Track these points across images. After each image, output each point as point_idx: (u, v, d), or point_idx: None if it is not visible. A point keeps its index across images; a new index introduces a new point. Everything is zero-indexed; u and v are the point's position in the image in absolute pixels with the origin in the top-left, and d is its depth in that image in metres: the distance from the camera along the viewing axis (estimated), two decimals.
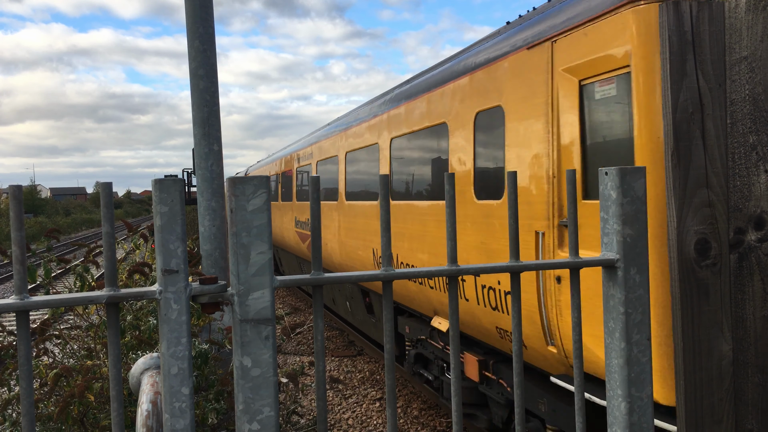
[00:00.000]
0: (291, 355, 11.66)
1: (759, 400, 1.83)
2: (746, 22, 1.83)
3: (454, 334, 1.55)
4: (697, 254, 1.82)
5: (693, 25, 1.85)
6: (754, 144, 1.81)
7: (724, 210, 1.84)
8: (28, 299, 1.24)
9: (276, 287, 1.36)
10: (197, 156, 3.43)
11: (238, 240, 1.31)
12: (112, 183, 1.32)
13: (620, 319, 1.52)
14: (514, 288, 1.59)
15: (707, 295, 1.83)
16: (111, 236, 1.29)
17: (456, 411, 1.54)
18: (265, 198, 1.33)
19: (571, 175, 1.60)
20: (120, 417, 1.31)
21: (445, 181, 1.51)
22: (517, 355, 1.57)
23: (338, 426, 8.33)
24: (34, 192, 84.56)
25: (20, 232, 1.24)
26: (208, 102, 2.99)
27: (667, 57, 1.85)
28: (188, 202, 25.57)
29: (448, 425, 8.08)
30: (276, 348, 1.35)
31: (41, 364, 3.54)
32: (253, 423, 1.32)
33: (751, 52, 1.81)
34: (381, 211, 1.49)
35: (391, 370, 1.49)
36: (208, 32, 2.88)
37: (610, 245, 1.55)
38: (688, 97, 1.84)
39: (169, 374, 1.28)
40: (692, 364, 1.81)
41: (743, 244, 1.84)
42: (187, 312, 1.30)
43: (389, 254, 1.50)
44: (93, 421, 3.23)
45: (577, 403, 1.61)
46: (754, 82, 1.81)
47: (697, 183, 1.83)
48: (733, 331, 1.83)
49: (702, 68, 1.85)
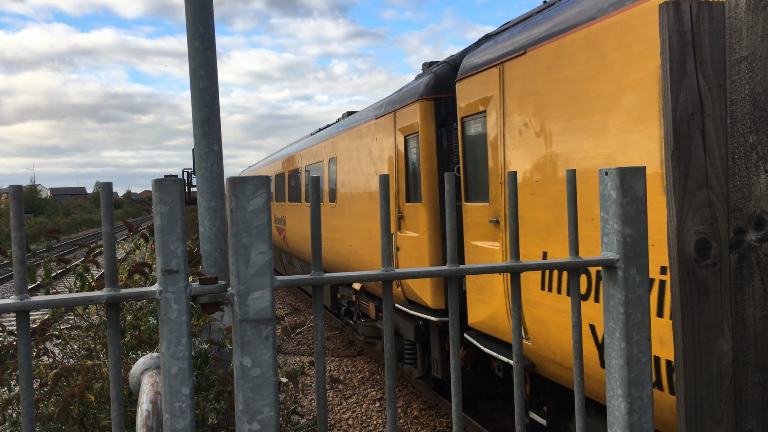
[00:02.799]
0: (291, 355, 11.66)
1: (759, 400, 1.83)
2: (746, 22, 1.83)
3: (454, 334, 1.55)
4: (697, 254, 1.82)
5: (693, 25, 1.85)
6: (754, 144, 1.81)
7: (724, 210, 1.84)
8: (28, 299, 1.24)
9: (276, 287, 1.36)
10: (197, 156, 3.43)
11: (238, 240, 1.31)
12: (112, 183, 1.32)
13: (620, 319, 1.52)
14: (514, 288, 1.59)
15: (707, 295, 1.83)
16: (111, 236, 1.29)
17: (456, 411, 1.54)
18: (265, 198, 1.33)
19: (571, 175, 1.60)
20: (120, 417, 1.31)
21: (446, 181, 1.51)
22: (517, 355, 1.57)
23: (338, 426, 8.33)
24: (34, 192, 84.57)
25: (20, 232, 1.24)
26: (208, 102, 2.99)
27: (667, 57, 1.85)
28: (188, 202, 25.56)
29: (448, 425, 8.08)
30: (276, 348, 1.35)
31: (41, 364, 3.54)
32: (253, 423, 1.32)
33: (751, 52, 1.81)
34: (381, 212, 1.49)
35: (391, 370, 1.49)
36: (208, 32, 2.88)
37: (610, 245, 1.55)
38: (688, 97, 1.84)
39: (169, 374, 1.28)
40: (692, 364, 1.82)
41: (743, 244, 1.84)
42: (187, 312, 1.30)
43: (389, 254, 1.50)
44: (93, 421, 3.23)
45: (577, 403, 1.61)
46: (754, 82, 1.81)
47: (697, 183, 1.83)
48: (733, 331, 1.83)
49: (702, 68, 1.85)
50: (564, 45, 4.75)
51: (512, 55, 5.52)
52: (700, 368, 1.82)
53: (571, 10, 4.81)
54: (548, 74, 4.95)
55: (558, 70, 4.82)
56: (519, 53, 5.41)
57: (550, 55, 4.93)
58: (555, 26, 4.95)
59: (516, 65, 5.45)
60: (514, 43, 5.59)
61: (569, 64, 4.68)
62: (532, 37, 5.28)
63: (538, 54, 5.11)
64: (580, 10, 4.65)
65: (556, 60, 4.84)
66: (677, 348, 1.84)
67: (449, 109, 7.51)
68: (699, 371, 1.82)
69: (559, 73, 4.81)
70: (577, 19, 4.65)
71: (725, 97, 1.86)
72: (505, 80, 5.62)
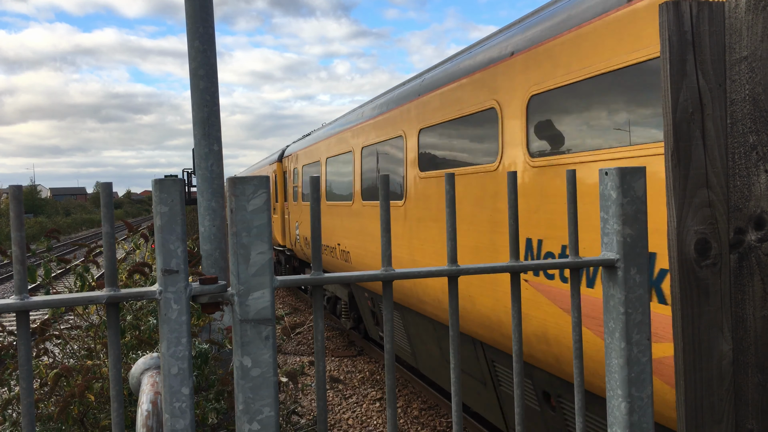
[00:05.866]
0: (291, 355, 11.66)
1: (759, 400, 1.83)
2: (746, 22, 1.83)
3: (454, 334, 1.55)
4: (697, 254, 1.82)
5: (693, 25, 1.85)
6: (754, 144, 1.81)
7: (724, 210, 1.84)
8: (28, 299, 1.24)
9: (276, 287, 1.36)
10: (197, 156, 3.42)
11: (238, 240, 1.31)
12: (111, 183, 1.32)
13: (620, 319, 1.52)
14: (514, 288, 1.59)
15: (707, 295, 1.82)
16: (111, 236, 1.29)
17: (456, 411, 1.54)
18: (265, 198, 1.33)
19: (571, 175, 1.60)
20: (120, 417, 1.31)
21: (446, 182, 1.51)
22: (517, 355, 1.57)
23: (338, 426, 8.33)
24: (34, 192, 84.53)
25: (20, 232, 1.24)
26: (208, 102, 2.98)
27: (666, 57, 1.84)
28: (188, 202, 25.55)
29: (448, 425, 8.08)
30: (276, 348, 1.35)
31: (41, 364, 3.54)
32: (253, 423, 1.32)
33: (751, 52, 1.81)
34: (381, 212, 1.49)
35: (391, 370, 1.49)
36: (208, 32, 2.87)
37: (610, 245, 1.55)
38: (688, 97, 1.84)
39: (169, 374, 1.28)
40: (692, 364, 1.81)
41: (743, 244, 1.84)
42: (187, 312, 1.30)
43: (389, 254, 1.50)
44: (93, 421, 3.23)
45: (577, 403, 1.61)
46: (754, 82, 1.81)
47: (697, 183, 1.83)
48: (733, 331, 1.83)
49: (702, 68, 1.85)
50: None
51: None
52: (700, 368, 1.82)
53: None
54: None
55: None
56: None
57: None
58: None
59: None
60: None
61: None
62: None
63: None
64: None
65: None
66: (677, 348, 1.84)
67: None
68: (699, 371, 1.82)
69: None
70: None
71: (725, 97, 1.86)
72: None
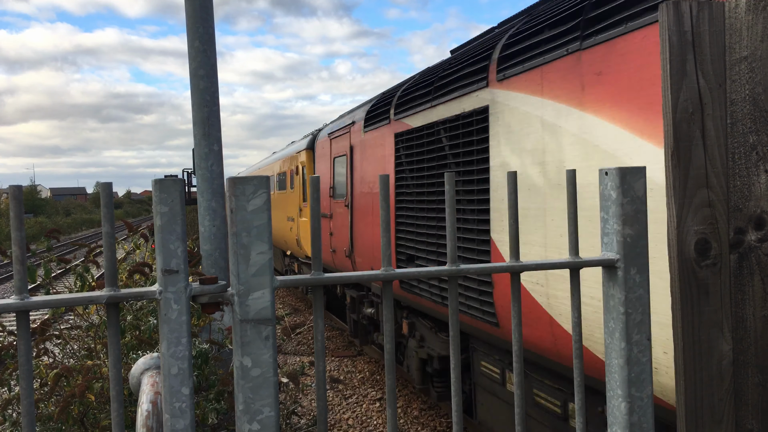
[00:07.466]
0: (291, 355, 11.66)
1: (759, 400, 1.83)
2: (746, 22, 1.83)
3: (454, 334, 1.55)
4: (697, 254, 1.82)
5: (693, 25, 1.85)
6: (754, 144, 1.81)
7: (724, 210, 1.84)
8: (28, 299, 1.24)
9: (276, 287, 1.36)
10: (197, 156, 3.42)
11: (238, 240, 1.31)
12: (111, 183, 1.32)
13: (620, 319, 1.52)
14: (514, 288, 1.59)
15: (707, 295, 1.82)
16: (111, 236, 1.29)
17: (456, 411, 1.54)
18: (265, 198, 1.33)
19: (571, 175, 1.60)
20: (120, 417, 1.31)
21: (446, 181, 1.51)
22: (517, 355, 1.57)
23: (338, 426, 8.33)
24: (34, 192, 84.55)
25: (20, 232, 1.24)
26: (208, 102, 2.99)
27: (667, 57, 1.84)
28: (188, 202, 25.57)
29: (448, 425, 8.08)
30: (276, 348, 1.35)
31: (41, 364, 3.54)
32: (253, 423, 1.32)
33: (751, 52, 1.81)
34: (381, 212, 1.49)
35: (391, 370, 1.49)
36: (208, 32, 2.88)
37: (610, 245, 1.55)
38: (688, 97, 1.84)
39: (169, 374, 1.28)
40: (692, 364, 1.81)
41: (743, 244, 1.84)
42: (187, 312, 1.30)
43: (389, 254, 1.50)
44: (93, 421, 3.23)
45: (577, 403, 1.61)
46: (754, 82, 1.81)
47: (697, 183, 1.83)
48: (733, 331, 1.83)
49: (702, 68, 1.85)
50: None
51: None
52: (700, 368, 1.82)
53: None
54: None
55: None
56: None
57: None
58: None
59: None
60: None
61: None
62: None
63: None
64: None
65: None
66: (677, 348, 1.84)
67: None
68: (699, 371, 1.82)
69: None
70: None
71: (725, 97, 1.86)
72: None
